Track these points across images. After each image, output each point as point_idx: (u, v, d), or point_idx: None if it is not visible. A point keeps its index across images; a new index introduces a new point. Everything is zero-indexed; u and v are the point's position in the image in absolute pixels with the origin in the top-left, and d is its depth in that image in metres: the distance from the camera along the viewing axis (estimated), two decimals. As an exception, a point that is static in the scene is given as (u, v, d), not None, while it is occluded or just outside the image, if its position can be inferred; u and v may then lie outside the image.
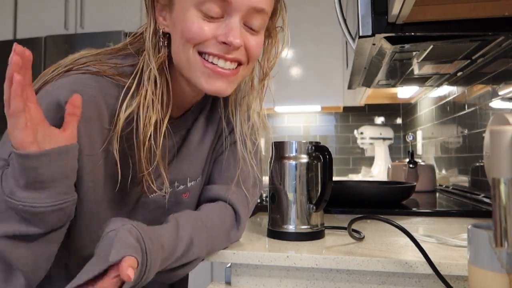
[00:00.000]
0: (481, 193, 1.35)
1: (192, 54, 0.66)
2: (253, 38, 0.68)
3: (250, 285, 0.74)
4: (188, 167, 0.79)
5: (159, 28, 0.69)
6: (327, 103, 2.96)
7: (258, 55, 0.71)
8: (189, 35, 0.64)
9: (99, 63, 0.68)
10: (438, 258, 0.64)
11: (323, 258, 0.68)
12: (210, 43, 0.65)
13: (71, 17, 2.96)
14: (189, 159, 0.78)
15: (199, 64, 0.66)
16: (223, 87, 0.67)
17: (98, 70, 0.66)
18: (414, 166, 1.70)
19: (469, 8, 0.83)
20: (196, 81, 0.67)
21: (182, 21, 0.65)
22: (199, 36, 0.64)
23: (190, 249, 0.67)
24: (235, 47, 0.65)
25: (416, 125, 2.61)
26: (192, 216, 0.71)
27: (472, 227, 0.46)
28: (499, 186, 0.41)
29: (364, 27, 0.89)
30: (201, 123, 0.81)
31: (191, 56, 0.66)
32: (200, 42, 0.65)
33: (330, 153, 0.79)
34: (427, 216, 1.08)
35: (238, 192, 0.79)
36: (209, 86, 0.67)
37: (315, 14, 2.92)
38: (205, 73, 0.66)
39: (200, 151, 0.81)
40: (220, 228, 0.74)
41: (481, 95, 1.37)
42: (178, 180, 0.77)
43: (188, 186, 0.79)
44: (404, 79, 1.65)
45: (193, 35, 0.64)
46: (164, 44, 0.69)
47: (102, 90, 0.66)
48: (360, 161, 3.21)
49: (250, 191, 0.81)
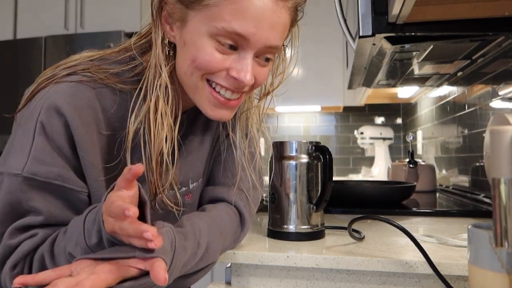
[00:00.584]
0: (481, 193, 1.35)
1: (201, 82, 0.65)
2: (261, 70, 0.67)
3: (251, 285, 0.74)
4: (189, 169, 0.78)
5: (165, 37, 0.67)
6: (327, 103, 2.96)
7: (261, 83, 0.72)
8: (202, 65, 0.63)
9: (98, 69, 0.67)
10: (438, 258, 0.64)
11: (323, 258, 0.68)
12: (221, 75, 0.64)
13: (71, 17, 2.96)
14: (190, 160, 0.78)
15: (206, 92, 0.66)
16: (226, 115, 0.69)
17: (96, 76, 0.66)
18: (414, 166, 1.70)
19: (469, 8, 0.83)
20: (201, 105, 0.68)
21: (194, 47, 0.64)
22: (211, 67, 0.63)
23: (206, 255, 0.67)
24: (246, 85, 0.65)
25: (416, 125, 2.61)
26: (207, 221, 0.70)
27: (472, 227, 0.46)
28: (499, 186, 0.41)
29: (364, 27, 0.89)
30: (200, 122, 0.80)
31: (200, 83, 0.65)
32: (210, 73, 0.64)
33: (330, 153, 0.79)
34: (427, 216, 1.08)
35: (242, 194, 0.79)
36: (213, 113, 0.68)
37: (315, 14, 2.92)
38: (211, 102, 0.66)
39: (201, 151, 0.80)
40: (230, 231, 0.73)
41: (481, 95, 1.37)
42: (181, 182, 0.76)
43: (190, 188, 0.78)
44: (404, 79, 1.65)
45: (206, 66, 0.63)
46: (170, 54, 0.68)
47: (99, 96, 0.65)
48: (360, 161, 3.21)
49: (251, 194, 0.80)
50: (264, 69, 0.68)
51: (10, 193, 0.61)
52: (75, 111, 0.62)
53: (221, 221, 0.72)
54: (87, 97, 0.64)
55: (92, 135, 0.64)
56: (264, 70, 0.68)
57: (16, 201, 0.61)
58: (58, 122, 0.61)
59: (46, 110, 0.61)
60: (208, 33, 0.62)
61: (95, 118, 0.65)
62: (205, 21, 0.62)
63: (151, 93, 0.65)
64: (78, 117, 0.62)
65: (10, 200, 0.61)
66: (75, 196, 0.63)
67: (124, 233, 0.52)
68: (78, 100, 0.63)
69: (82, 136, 0.62)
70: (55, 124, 0.61)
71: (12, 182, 0.60)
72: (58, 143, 0.61)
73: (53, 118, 0.61)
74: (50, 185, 0.61)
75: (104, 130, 0.66)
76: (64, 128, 0.61)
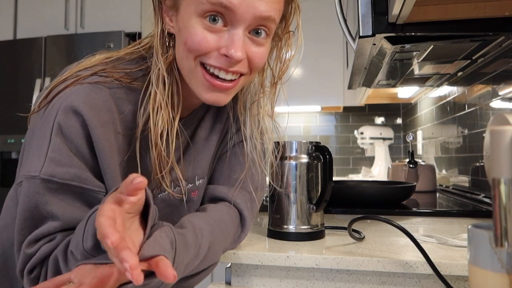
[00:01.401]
0: (481, 193, 1.35)
1: (194, 65, 0.65)
2: (257, 49, 0.66)
3: (251, 285, 0.74)
4: (196, 165, 0.78)
5: (165, 28, 0.68)
6: (327, 103, 2.96)
7: (261, 66, 0.69)
8: (192, 46, 0.63)
9: (113, 69, 0.68)
10: (438, 258, 0.64)
11: (323, 258, 0.68)
12: (212, 55, 0.64)
13: (72, 17, 2.96)
14: (196, 157, 0.78)
15: (199, 75, 0.66)
16: (220, 98, 0.67)
17: (111, 77, 0.67)
18: (414, 166, 1.70)
19: (469, 8, 0.83)
20: (195, 89, 0.68)
21: (185, 29, 0.64)
22: (201, 47, 0.63)
23: (208, 255, 0.66)
24: (236, 61, 0.63)
25: (416, 125, 2.61)
26: (209, 222, 0.69)
27: (472, 227, 0.46)
28: (499, 186, 0.41)
29: (364, 27, 0.89)
30: (208, 120, 0.80)
31: (193, 66, 0.65)
32: (202, 54, 0.64)
33: (330, 153, 0.79)
34: (427, 216, 1.08)
35: (243, 194, 0.78)
36: (208, 96, 0.67)
37: (315, 14, 2.92)
38: (204, 85, 0.66)
39: (207, 149, 0.80)
40: (231, 231, 0.73)
41: (481, 95, 1.37)
42: (187, 179, 0.76)
43: (197, 184, 0.78)
44: (405, 79, 1.65)
45: (196, 46, 0.63)
46: (170, 45, 0.68)
47: (114, 96, 0.66)
48: (360, 161, 3.21)
49: (254, 194, 0.80)
50: (260, 48, 0.66)
51: (28, 197, 0.60)
52: (92, 110, 0.62)
53: (222, 222, 0.72)
54: (103, 97, 0.64)
55: (109, 135, 0.64)
56: (260, 50, 0.66)
57: (34, 205, 0.60)
58: (75, 122, 0.61)
59: (63, 110, 0.61)
60: (197, 12, 0.62)
61: (112, 118, 0.65)
62: (193, 2, 0.62)
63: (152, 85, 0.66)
64: (95, 116, 0.62)
65: (28, 205, 0.60)
66: (94, 196, 0.63)
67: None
68: (95, 100, 0.63)
69: (99, 135, 0.62)
70: (73, 124, 0.61)
71: (30, 185, 0.60)
72: (75, 143, 0.61)
73: (71, 118, 0.61)
74: (67, 187, 0.61)
75: (120, 129, 0.66)
76: (82, 128, 0.61)
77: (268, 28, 0.66)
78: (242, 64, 0.65)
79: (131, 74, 0.69)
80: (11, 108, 2.58)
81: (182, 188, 0.71)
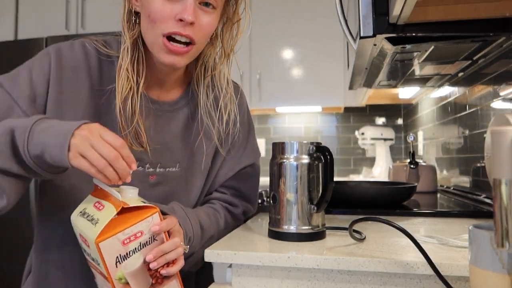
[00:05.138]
0: (482, 194, 1.35)
1: (157, 35, 0.78)
2: (205, 17, 0.80)
3: (251, 286, 0.74)
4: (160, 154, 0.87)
5: (132, 8, 0.82)
6: (328, 103, 2.96)
7: (209, 33, 0.83)
8: (155, 17, 0.77)
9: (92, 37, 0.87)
10: (439, 259, 0.64)
11: (324, 258, 0.68)
12: (170, 22, 0.77)
13: (72, 18, 2.96)
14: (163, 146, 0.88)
15: (160, 42, 0.78)
16: (177, 60, 0.80)
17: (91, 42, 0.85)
18: (415, 167, 1.70)
19: (470, 9, 0.83)
20: (157, 55, 0.80)
21: (147, 4, 0.78)
22: (163, 17, 0.76)
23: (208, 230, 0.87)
24: (188, 23, 0.76)
25: (417, 125, 2.60)
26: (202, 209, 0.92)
27: (473, 228, 0.46)
28: (500, 187, 0.41)
29: (365, 28, 0.89)
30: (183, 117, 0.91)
31: (155, 36, 0.78)
32: (163, 23, 0.77)
33: (331, 154, 0.78)
34: (428, 216, 1.08)
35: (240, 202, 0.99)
36: (165, 59, 0.80)
37: (316, 14, 2.92)
38: (163, 50, 0.79)
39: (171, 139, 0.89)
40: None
41: (482, 95, 1.37)
42: (150, 162, 0.86)
43: (157, 171, 0.87)
44: (405, 79, 1.65)
45: (159, 16, 0.76)
46: (137, 22, 0.83)
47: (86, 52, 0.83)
48: (361, 161, 3.21)
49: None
50: (208, 17, 0.80)
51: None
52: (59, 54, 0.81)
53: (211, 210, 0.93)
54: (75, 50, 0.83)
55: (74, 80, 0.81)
56: (208, 18, 0.80)
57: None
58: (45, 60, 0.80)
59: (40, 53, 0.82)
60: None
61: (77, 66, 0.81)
62: None
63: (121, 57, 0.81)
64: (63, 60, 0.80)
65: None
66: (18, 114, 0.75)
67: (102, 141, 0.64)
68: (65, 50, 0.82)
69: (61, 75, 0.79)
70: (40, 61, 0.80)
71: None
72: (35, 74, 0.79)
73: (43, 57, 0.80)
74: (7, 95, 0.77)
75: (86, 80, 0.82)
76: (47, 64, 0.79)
77: (215, 1, 0.80)
78: (193, 28, 0.78)
79: (107, 41, 0.87)
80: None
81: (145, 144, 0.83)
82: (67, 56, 0.82)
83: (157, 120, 0.88)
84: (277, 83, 2.98)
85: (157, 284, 0.70)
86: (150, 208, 0.69)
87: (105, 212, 0.65)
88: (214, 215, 0.92)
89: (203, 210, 0.91)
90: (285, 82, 2.97)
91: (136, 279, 0.67)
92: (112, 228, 0.64)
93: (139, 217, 0.67)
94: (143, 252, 0.68)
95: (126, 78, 0.80)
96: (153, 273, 0.69)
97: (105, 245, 0.63)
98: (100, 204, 0.67)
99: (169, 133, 0.89)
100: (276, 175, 0.82)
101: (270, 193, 0.84)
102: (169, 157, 0.88)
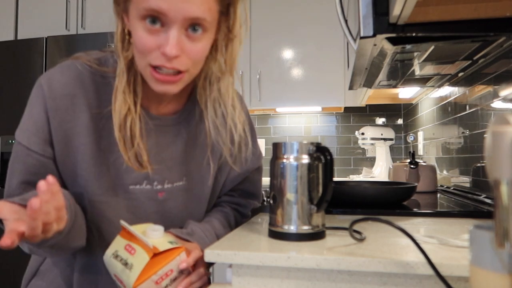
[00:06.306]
0: (482, 194, 1.35)
1: (144, 65, 0.74)
2: (193, 45, 0.72)
3: (251, 286, 0.74)
4: (164, 168, 0.86)
5: (125, 27, 0.76)
6: (328, 103, 2.96)
7: (200, 59, 0.76)
8: (139, 47, 0.72)
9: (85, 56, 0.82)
10: (439, 259, 0.64)
11: (324, 258, 0.68)
12: (154, 54, 0.71)
13: (72, 18, 2.96)
14: (162, 159, 0.86)
15: (148, 73, 0.74)
16: (169, 88, 0.75)
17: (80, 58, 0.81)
18: (415, 167, 1.70)
19: (470, 9, 0.83)
20: (149, 83, 0.76)
21: (133, 32, 0.72)
22: (145, 48, 0.71)
23: None
24: (171, 58, 0.70)
25: (417, 125, 2.60)
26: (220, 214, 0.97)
27: (474, 228, 0.46)
28: (501, 187, 0.41)
29: (365, 28, 0.89)
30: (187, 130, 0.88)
31: (143, 65, 0.74)
32: (147, 54, 0.71)
33: (331, 154, 0.78)
34: (428, 216, 1.08)
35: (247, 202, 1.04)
36: (157, 88, 0.75)
37: (316, 14, 2.92)
38: (153, 80, 0.74)
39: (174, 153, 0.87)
40: None
41: (483, 95, 1.37)
42: (156, 179, 0.85)
43: (164, 187, 0.86)
44: (405, 79, 1.65)
45: (142, 47, 0.71)
46: (130, 42, 0.76)
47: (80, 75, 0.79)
48: (361, 161, 3.21)
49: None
50: (197, 44, 0.73)
51: None
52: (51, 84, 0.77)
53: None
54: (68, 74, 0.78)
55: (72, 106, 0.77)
56: (197, 45, 0.73)
57: None
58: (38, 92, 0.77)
59: (34, 89, 0.78)
60: (138, 16, 0.70)
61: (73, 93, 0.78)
62: (135, 6, 0.70)
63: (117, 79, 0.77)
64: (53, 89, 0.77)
65: None
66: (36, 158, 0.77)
67: None
68: (57, 76, 0.78)
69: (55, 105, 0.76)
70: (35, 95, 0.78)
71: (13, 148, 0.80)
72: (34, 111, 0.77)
73: (35, 90, 0.78)
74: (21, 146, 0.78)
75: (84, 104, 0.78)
76: (42, 98, 0.76)
77: (203, 25, 0.72)
78: (179, 60, 0.72)
79: (101, 59, 0.82)
80: (12, 109, 2.59)
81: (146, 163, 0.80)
82: (59, 84, 0.78)
83: (160, 137, 0.85)
84: (277, 83, 2.98)
85: None
86: (177, 248, 0.76)
87: (137, 257, 0.72)
88: (226, 220, 0.97)
89: (216, 218, 0.94)
90: (285, 82, 2.97)
91: None
92: (146, 272, 0.72)
93: (169, 257, 0.74)
94: (173, 286, 0.76)
95: (123, 100, 0.76)
96: None
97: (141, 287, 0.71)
98: (131, 247, 0.74)
99: (174, 147, 0.87)
100: (276, 175, 0.82)
101: (270, 193, 0.84)
102: (175, 172, 0.87)
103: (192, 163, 0.89)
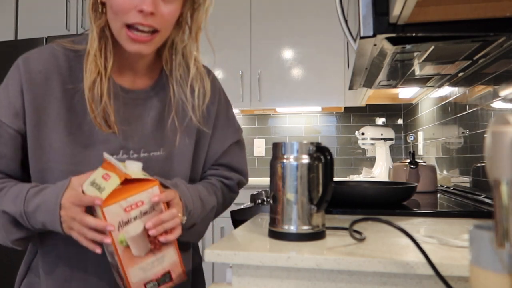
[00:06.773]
0: (482, 194, 1.35)
1: (120, 26, 0.80)
2: (165, 6, 0.80)
3: (251, 286, 0.74)
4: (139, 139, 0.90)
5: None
6: (328, 103, 2.96)
7: (172, 21, 0.83)
8: (117, 8, 0.78)
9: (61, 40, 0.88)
10: (439, 259, 0.64)
11: (324, 258, 0.68)
12: (131, 13, 0.78)
13: (72, 18, 2.96)
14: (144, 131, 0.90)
15: (124, 34, 0.80)
16: (142, 48, 0.82)
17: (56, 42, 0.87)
18: (415, 167, 1.70)
19: (470, 9, 0.83)
20: (122, 44, 0.82)
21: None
22: (122, 8, 0.78)
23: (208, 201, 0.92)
24: (147, 14, 0.77)
25: (417, 125, 2.60)
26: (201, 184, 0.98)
27: (474, 228, 0.46)
28: (501, 187, 0.41)
29: (365, 28, 0.89)
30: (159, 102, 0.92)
31: (119, 27, 0.80)
32: (124, 14, 0.78)
33: (331, 154, 0.79)
34: (428, 216, 1.08)
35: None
36: (131, 47, 0.82)
37: (316, 14, 2.92)
38: (127, 39, 0.81)
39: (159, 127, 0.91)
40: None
41: (483, 95, 1.37)
42: (133, 148, 0.89)
43: (141, 156, 0.90)
44: (405, 79, 1.65)
45: (120, 8, 0.78)
46: (103, 11, 0.83)
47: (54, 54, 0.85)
48: (361, 161, 3.21)
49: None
50: (169, 5, 0.81)
51: None
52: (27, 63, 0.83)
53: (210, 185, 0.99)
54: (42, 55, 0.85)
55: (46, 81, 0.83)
56: (169, 7, 0.81)
57: None
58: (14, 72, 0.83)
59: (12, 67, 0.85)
60: None
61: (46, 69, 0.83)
62: None
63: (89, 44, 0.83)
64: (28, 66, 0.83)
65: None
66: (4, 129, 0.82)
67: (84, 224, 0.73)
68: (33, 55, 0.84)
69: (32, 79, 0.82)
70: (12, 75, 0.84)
71: None
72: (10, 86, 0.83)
73: (14, 67, 0.84)
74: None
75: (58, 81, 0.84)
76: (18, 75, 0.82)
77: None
78: (154, 19, 0.79)
79: (75, 40, 0.89)
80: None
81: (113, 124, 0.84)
82: (35, 61, 0.84)
83: (134, 109, 0.90)
84: (277, 83, 2.98)
85: (156, 250, 0.78)
86: (151, 181, 0.77)
87: (110, 182, 0.74)
88: (212, 188, 0.98)
89: (201, 184, 0.97)
90: (285, 82, 2.97)
91: (136, 243, 0.75)
92: (116, 196, 0.73)
93: (141, 188, 0.75)
94: (144, 220, 0.76)
95: (94, 63, 0.82)
96: (152, 240, 0.77)
97: (109, 210, 0.73)
98: (108, 175, 0.76)
99: (148, 118, 0.91)
100: (276, 175, 0.82)
101: (270, 193, 0.84)
102: (152, 142, 0.91)
103: (166, 133, 0.92)
